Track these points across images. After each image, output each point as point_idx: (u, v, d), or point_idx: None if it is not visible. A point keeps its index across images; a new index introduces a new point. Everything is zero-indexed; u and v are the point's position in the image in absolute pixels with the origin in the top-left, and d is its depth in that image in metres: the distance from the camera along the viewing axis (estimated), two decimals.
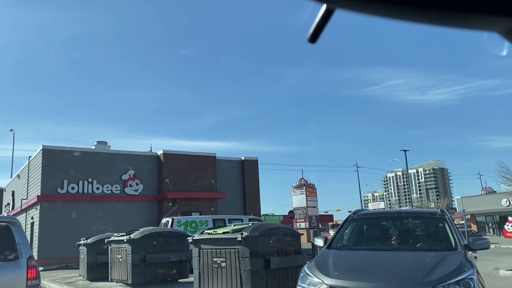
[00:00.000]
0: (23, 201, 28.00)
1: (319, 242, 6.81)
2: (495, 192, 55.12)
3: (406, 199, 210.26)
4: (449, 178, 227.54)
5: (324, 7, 0.77)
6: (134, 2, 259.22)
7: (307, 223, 44.35)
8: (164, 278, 12.12)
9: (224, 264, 8.73)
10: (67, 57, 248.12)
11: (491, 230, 53.69)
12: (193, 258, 9.49)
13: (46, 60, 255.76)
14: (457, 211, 55.93)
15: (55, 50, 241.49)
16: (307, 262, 6.30)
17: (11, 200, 33.09)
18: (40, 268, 19.94)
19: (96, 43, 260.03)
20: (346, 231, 6.98)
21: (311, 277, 5.37)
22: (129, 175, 26.27)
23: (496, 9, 0.66)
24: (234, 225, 9.86)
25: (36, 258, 21.88)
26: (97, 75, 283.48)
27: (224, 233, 9.06)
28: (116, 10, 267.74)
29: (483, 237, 7.16)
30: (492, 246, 7.39)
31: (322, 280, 5.19)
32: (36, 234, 23.97)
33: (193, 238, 9.53)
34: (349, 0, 0.68)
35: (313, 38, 0.83)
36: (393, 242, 6.53)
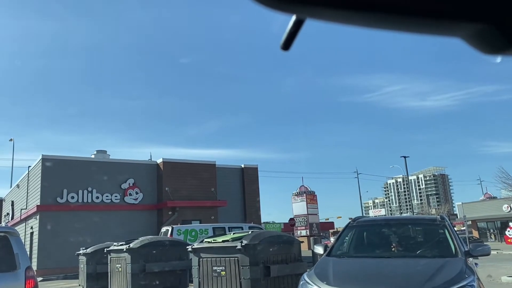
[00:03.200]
0: (23, 211, 27.94)
1: (319, 249, 6.79)
2: (496, 198, 55.04)
3: (407, 205, 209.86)
4: (450, 184, 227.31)
5: (294, 16, 0.77)
6: (132, 12, 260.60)
7: (307, 230, 44.24)
8: (164, 287, 12.05)
9: (224, 272, 8.68)
10: (66, 67, 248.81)
11: (492, 236, 53.53)
12: (193, 267, 9.44)
13: (44, 70, 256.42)
14: (458, 217, 55.81)
15: (54, 60, 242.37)
16: (307, 270, 6.26)
17: (11, 210, 33.04)
18: (40, 279, 19.89)
19: (95, 52, 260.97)
20: (346, 238, 6.95)
21: (311, 285, 5.34)
22: (129, 184, 26.24)
23: (457, 14, 0.66)
24: (234, 233, 9.81)
25: (35, 268, 21.85)
26: (96, 83, 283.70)
27: (223, 241, 9.02)
28: (115, 20, 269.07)
29: (484, 243, 7.12)
30: (493, 252, 7.37)
31: None
32: (35, 244, 23.90)
33: (193, 246, 9.49)
34: (316, 10, 0.68)
35: (286, 45, 0.83)
36: (393, 249, 6.49)
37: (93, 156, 28.61)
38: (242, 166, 31.28)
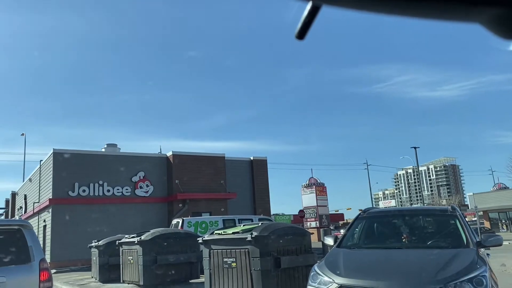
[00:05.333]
0: (35, 204, 28.27)
1: (329, 241, 6.77)
2: (507, 188, 54.49)
3: (417, 196, 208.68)
4: (461, 174, 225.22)
5: (310, 3, 0.77)
6: (138, 6, 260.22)
7: (317, 222, 44.26)
8: (175, 279, 12.16)
9: (235, 264, 8.72)
10: (75, 61, 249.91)
11: (504, 227, 52.99)
12: (204, 258, 9.49)
13: (53, 64, 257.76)
14: (469, 208, 55.40)
15: (63, 54, 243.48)
16: (318, 261, 6.27)
17: (24, 204, 33.46)
18: (53, 271, 20.10)
19: (103, 46, 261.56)
20: (356, 229, 6.94)
21: (322, 276, 5.33)
22: (139, 177, 26.41)
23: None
24: (244, 225, 9.83)
25: (49, 260, 22.11)
26: (104, 78, 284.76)
27: (234, 233, 9.04)
28: (121, 14, 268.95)
29: (496, 233, 7.07)
30: (505, 243, 7.31)
31: (332, 279, 5.15)
32: (48, 237, 24.21)
33: (203, 238, 9.52)
34: None
35: (301, 34, 0.83)
36: (403, 240, 6.47)
37: (103, 150, 28.80)
38: (251, 158, 31.27)
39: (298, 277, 8.89)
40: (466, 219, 6.90)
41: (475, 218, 39.46)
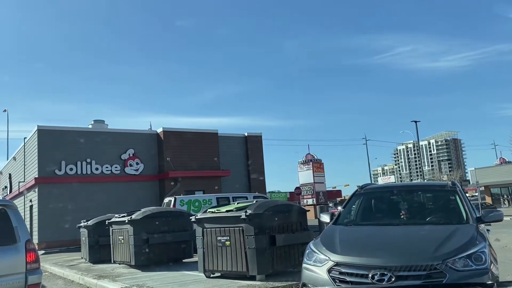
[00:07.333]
0: (21, 183, 27.79)
1: (325, 218, 6.70)
2: (510, 162, 54.16)
3: (417, 172, 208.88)
4: (462, 149, 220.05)
5: None
6: None
7: (314, 199, 44.29)
8: (168, 258, 12.01)
9: (229, 242, 8.64)
10: (60, 34, 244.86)
11: (506, 202, 52.36)
12: (197, 237, 9.43)
13: (37, 37, 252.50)
14: (471, 183, 55.26)
15: (47, 27, 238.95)
16: (314, 238, 6.13)
17: (8, 183, 32.89)
18: (42, 252, 19.94)
19: (88, 18, 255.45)
20: (353, 206, 6.87)
21: (317, 254, 5.25)
22: (129, 154, 25.96)
23: None
24: (238, 203, 9.74)
25: (37, 241, 21.88)
26: (90, 51, 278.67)
27: (227, 211, 8.98)
28: None
29: (497, 209, 6.98)
30: (507, 218, 7.19)
31: (328, 257, 5.07)
32: (35, 217, 23.81)
33: (196, 217, 9.48)
34: None
35: None
36: (402, 217, 6.43)
37: (90, 126, 28.10)
38: (246, 134, 30.94)
39: (294, 255, 8.85)
40: (467, 194, 6.76)
41: (477, 194, 39.38)
